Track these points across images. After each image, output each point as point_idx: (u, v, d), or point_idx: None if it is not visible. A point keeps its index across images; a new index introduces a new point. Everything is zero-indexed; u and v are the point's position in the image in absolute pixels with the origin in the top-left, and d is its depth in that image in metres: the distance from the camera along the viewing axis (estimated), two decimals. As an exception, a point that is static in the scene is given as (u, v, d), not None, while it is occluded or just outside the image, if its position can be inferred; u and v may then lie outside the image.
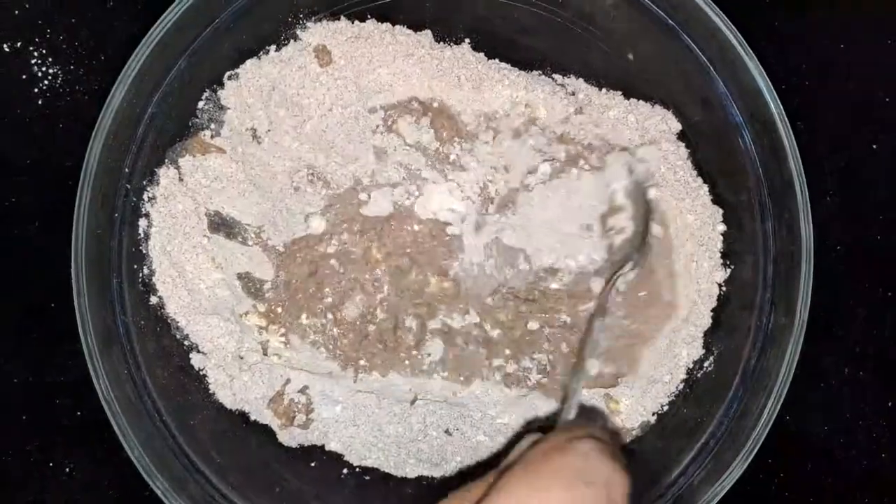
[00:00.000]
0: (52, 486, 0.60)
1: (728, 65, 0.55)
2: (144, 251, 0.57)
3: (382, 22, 0.58)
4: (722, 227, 0.59)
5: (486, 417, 0.59)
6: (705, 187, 0.59)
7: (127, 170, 0.55)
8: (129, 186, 0.56)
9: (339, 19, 0.58)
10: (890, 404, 0.62)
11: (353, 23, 0.58)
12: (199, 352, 0.58)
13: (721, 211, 0.58)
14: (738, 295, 0.58)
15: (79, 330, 0.52)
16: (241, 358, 0.58)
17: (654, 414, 0.59)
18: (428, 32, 0.59)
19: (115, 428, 0.52)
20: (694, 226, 0.59)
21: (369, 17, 0.58)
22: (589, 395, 0.59)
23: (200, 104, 0.58)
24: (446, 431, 0.59)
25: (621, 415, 0.59)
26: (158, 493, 0.51)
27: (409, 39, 0.58)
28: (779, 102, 0.53)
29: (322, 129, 0.58)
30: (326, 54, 0.57)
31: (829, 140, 0.62)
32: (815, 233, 0.54)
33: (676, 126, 0.59)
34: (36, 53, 0.60)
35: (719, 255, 0.58)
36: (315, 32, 0.57)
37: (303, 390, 0.59)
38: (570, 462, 0.35)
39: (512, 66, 0.59)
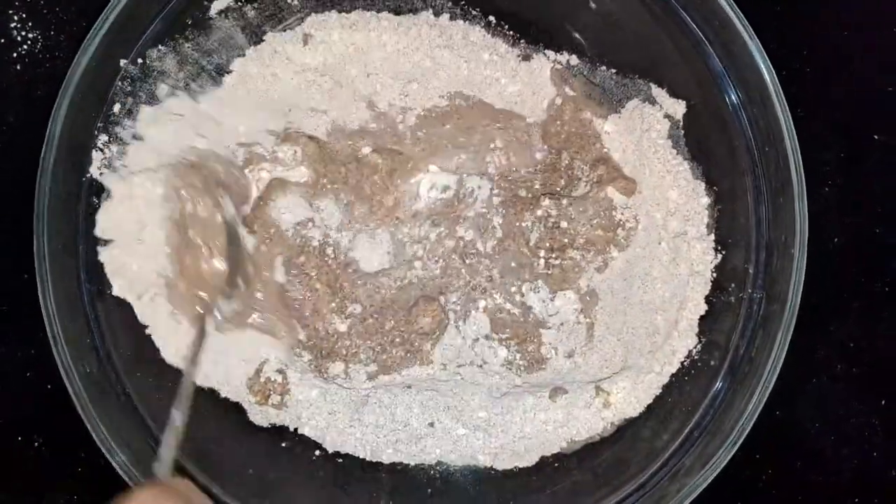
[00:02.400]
0: (19, 461, 0.59)
1: (726, 42, 0.53)
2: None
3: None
4: (706, 200, 0.57)
5: (468, 410, 0.58)
6: (685, 164, 0.57)
7: (96, 132, 0.54)
8: (97, 149, 0.54)
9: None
10: (883, 402, 0.61)
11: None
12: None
13: (703, 184, 0.57)
14: (728, 281, 0.57)
15: (39, 296, 0.51)
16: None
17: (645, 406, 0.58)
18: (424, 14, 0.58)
19: (74, 398, 0.50)
20: (678, 202, 0.58)
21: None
22: (578, 387, 0.58)
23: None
24: (430, 424, 0.58)
25: (613, 406, 0.58)
26: (116, 467, 0.50)
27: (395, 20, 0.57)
28: (777, 81, 0.52)
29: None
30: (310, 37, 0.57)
31: (828, 130, 0.61)
32: (812, 225, 0.53)
33: (666, 103, 0.58)
34: (15, 17, 0.59)
35: (705, 229, 0.57)
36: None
37: (280, 371, 0.58)
38: None
39: (503, 42, 0.58)
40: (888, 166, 0.61)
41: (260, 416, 0.57)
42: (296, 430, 0.58)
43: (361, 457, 0.58)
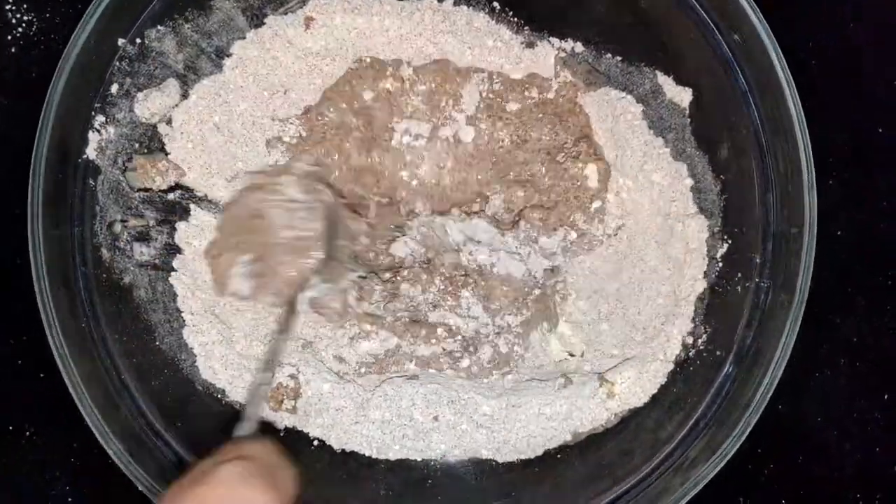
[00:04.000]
0: (11, 452, 0.58)
1: (735, 28, 0.53)
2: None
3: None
4: (689, 182, 0.57)
5: (471, 403, 0.57)
6: (659, 140, 0.57)
7: (93, 112, 0.53)
8: (93, 130, 0.53)
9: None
10: (886, 397, 0.61)
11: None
12: (164, 312, 0.56)
13: (685, 165, 0.57)
14: (735, 270, 0.56)
15: (33, 281, 0.50)
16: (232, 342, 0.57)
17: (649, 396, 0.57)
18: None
19: (68, 384, 0.49)
20: (663, 183, 0.57)
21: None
22: (583, 377, 0.57)
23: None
24: (434, 418, 0.57)
25: (617, 397, 0.57)
26: (112, 455, 0.49)
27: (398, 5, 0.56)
28: (787, 68, 0.51)
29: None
30: (311, 20, 0.56)
31: (833, 124, 0.60)
32: (817, 218, 0.52)
33: (672, 90, 0.57)
34: (10, 0, 0.58)
35: (693, 208, 0.57)
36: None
37: (293, 375, 0.57)
38: (209, 493, 0.37)
39: (507, 28, 0.57)
40: (893, 161, 0.61)
41: (271, 419, 0.57)
42: (303, 430, 0.57)
43: (367, 454, 0.57)
